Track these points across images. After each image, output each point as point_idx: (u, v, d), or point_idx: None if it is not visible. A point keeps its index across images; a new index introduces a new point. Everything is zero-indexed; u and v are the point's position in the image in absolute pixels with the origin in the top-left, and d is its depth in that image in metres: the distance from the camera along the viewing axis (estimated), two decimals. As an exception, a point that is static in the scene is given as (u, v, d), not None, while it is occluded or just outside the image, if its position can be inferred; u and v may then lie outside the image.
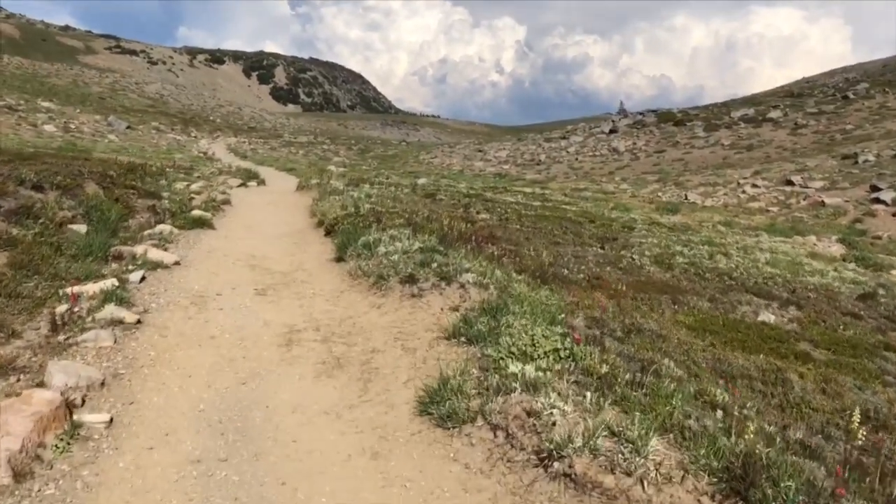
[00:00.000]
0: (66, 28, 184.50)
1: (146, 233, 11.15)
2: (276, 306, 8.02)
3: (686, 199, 35.31)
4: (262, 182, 24.62)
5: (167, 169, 25.03)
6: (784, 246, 21.24)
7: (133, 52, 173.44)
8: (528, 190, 33.96)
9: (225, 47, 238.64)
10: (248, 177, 25.72)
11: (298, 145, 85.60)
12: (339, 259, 10.40)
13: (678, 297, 11.68)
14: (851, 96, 69.16)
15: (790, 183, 36.30)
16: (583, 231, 16.90)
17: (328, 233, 12.51)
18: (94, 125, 64.24)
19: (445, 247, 9.72)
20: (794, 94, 79.41)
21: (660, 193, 38.02)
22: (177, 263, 9.43)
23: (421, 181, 50.07)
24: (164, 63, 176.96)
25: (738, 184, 38.91)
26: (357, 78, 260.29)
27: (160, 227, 11.72)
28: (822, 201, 32.12)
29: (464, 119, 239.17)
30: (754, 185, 37.14)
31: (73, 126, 58.90)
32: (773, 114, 67.75)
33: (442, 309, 7.46)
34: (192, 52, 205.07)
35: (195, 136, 77.20)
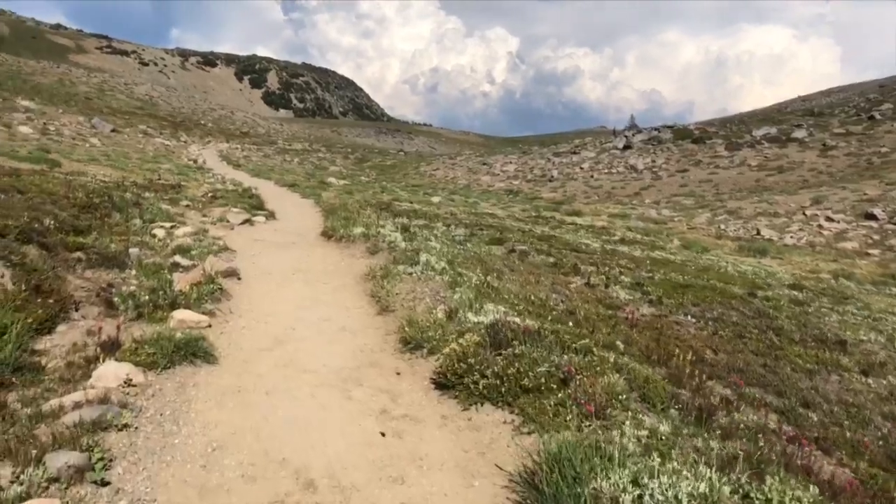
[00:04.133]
0: (58, 26, 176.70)
1: (66, 402, 4.91)
2: None
3: (758, 234, 29.42)
4: (270, 215, 18.29)
5: (144, 194, 18.70)
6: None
7: (124, 53, 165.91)
8: (578, 221, 27.91)
9: (218, 50, 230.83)
10: (252, 205, 19.43)
11: (293, 152, 79.13)
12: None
13: None
14: (878, 117, 63.97)
15: (872, 217, 30.51)
16: (782, 327, 10.83)
17: (446, 383, 5.96)
18: (76, 127, 57.57)
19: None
20: (815, 113, 74.09)
21: (722, 226, 32.09)
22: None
23: (435, 200, 43.96)
24: (156, 64, 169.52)
25: (805, 215, 33.11)
26: (349, 84, 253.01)
27: (105, 368, 5.51)
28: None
29: (457, 128, 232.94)
30: (829, 219, 31.33)
31: (52, 128, 52.24)
32: (798, 133, 62.36)
33: None
34: (185, 54, 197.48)
35: (185, 141, 70.58)
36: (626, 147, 67.04)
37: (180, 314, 7.22)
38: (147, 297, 7.83)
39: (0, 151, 30.66)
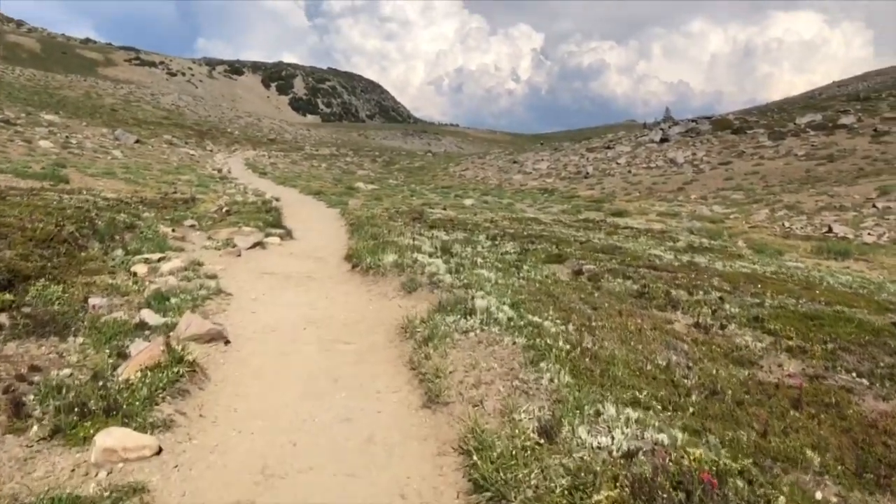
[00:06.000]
0: (87, 41, 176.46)
1: None
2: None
3: (831, 231, 26.03)
4: (287, 234, 15.47)
5: (144, 214, 15.99)
6: None
7: (152, 64, 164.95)
8: (631, 223, 24.80)
9: (244, 58, 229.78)
10: (268, 222, 16.64)
11: (321, 158, 76.60)
12: None
13: None
14: (932, 99, 59.74)
15: (959, 209, 26.97)
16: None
17: None
18: (98, 139, 55.56)
19: None
20: (861, 98, 69.70)
21: (786, 223, 28.70)
22: None
23: (468, 202, 40.92)
24: (184, 74, 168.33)
25: (877, 208, 29.59)
26: (375, 87, 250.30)
27: None
28: None
29: (483, 127, 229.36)
30: (907, 211, 27.81)
31: (74, 141, 50.18)
32: (845, 119, 58.31)
33: None
34: (212, 64, 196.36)
35: (211, 150, 68.38)
36: (663, 140, 63.42)
37: (110, 437, 4.38)
38: (72, 398, 5.01)
39: (11, 168, 28.42)
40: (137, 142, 58.94)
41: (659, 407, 5.19)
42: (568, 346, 6.00)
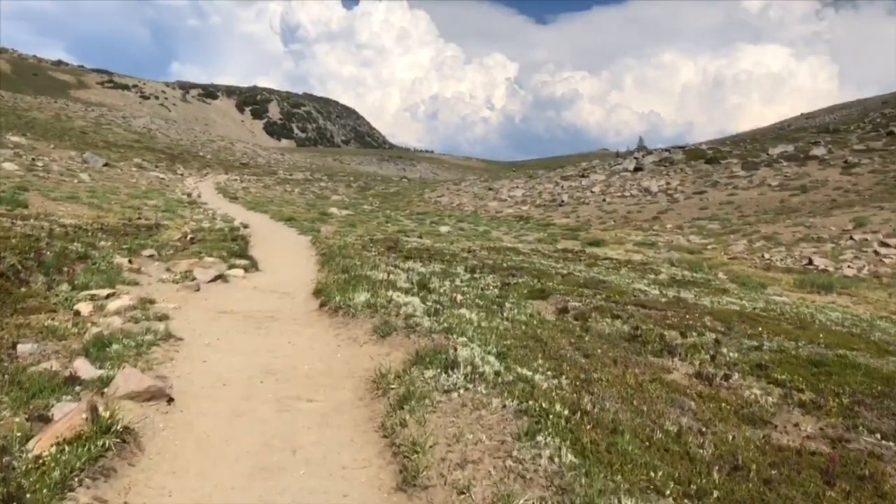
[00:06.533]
0: (59, 63, 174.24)
1: None
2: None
3: (811, 264, 25.59)
4: (253, 265, 14.48)
5: (100, 243, 14.90)
6: None
7: (125, 87, 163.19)
8: (609, 254, 24.16)
9: (218, 82, 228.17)
10: (233, 252, 15.66)
11: (294, 182, 75.50)
12: None
13: None
14: (898, 132, 60.49)
15: (935, 241, 26.72)
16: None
17: None
18: (66, 162, 53.99)
19: None
20: (830, 130, 70.52)
21: (765, 255, 28.26)
22: None
23: (444, 230, 40.10)
24: (157, 97, 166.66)
25: (854, 240, 29.31)
26: (351, 113, 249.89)
27: None
28: None
29: (458, 154, 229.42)
30: (883, 244, 27.53)
31: (40, 164, 48.57)
32: (817, 150, 58.81)
33: None
34: (185, 87, 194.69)
35: (182, 174, 66.98)
36: (637, 169, 63.43)
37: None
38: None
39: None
40: (106, 165, 57.47)
41: (678, 490, 4.33)
42: (566, 412, 5.12)
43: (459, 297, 10.63)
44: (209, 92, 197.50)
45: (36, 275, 10.52)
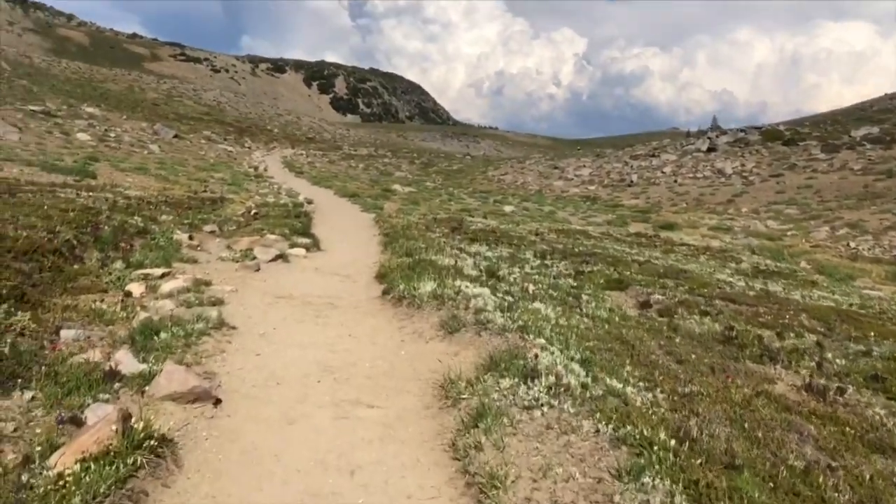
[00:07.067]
0: (134, 36, 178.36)
1: None
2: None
3: (905, 255, 23.82)
4: (315, 244, 13.94)
5: (161, 217, 14.54)
6: None
7: (197, 60, 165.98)
8: (686, 239, 22.89)
9: (287, 56, 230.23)
10: (295, 229, 15.16)
11: (359, 158, 75.36)
12: None
13: None
14: None
15: None
16: None
17: None
18: (137, 133, 54.97)
19: None
20: (921, 111, 66.44)
21: (851, 244, 26.49)
22: None
23: (508, 209, 39.15)
24: (227, 71, 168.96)
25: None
26: (416, 89, 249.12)
27: None
28: None
29: (522, 131, 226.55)
30: None
31: (112, 135, 49.52)
32: (906, 133, 55.33)
33: None
34: (255, 61, 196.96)
35: (249, 147, 67.52)
36: (711, 149, 60.93)
37: None
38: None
39: (41, 161, 27.45)
40: (176, 137, 58.32)
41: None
42: (673, 441, 4.29)
43: (532, 287, 9.80)
44: (277, 66, 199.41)
45: (91, 251, 10.14)
